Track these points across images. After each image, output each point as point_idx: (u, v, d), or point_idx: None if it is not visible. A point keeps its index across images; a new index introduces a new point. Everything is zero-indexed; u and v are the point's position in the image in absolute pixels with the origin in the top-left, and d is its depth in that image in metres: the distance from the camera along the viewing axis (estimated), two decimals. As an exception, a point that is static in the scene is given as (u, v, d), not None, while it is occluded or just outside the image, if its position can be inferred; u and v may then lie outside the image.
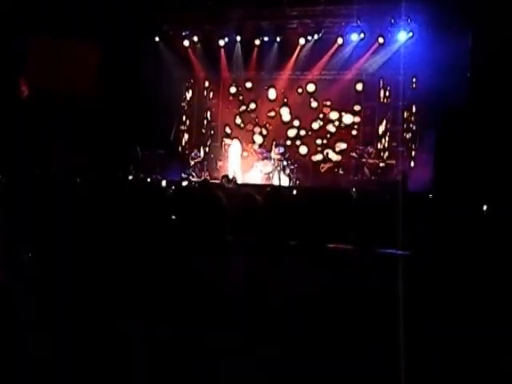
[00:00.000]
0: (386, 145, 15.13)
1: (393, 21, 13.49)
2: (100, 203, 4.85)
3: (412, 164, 14.12)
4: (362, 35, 13.89)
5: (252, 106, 16.37)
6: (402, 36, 13.56)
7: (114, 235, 3.86)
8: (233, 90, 16.48)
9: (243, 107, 16.46)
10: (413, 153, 14.35)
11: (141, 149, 13.99)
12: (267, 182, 14.02)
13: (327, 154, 15.50)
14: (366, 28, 13.80)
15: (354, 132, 15.58)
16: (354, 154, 14.76)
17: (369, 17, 13.57)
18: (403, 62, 13.59)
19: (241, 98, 16.50)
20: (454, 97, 12.02)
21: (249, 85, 16.28)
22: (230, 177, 12.62)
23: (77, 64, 12.42)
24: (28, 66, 11.97)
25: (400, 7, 12.79)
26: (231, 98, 16.56)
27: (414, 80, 14.17)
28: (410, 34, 13.41)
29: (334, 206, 4.58)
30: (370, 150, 14.63)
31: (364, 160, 14.40)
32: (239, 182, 12.90)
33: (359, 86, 15.34)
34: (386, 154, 15.03)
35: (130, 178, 12.62)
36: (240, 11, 13.91)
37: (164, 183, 11.44)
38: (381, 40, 13.84)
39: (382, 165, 14.53)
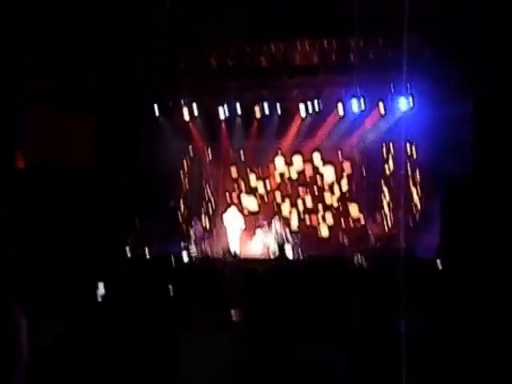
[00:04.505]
0: (391, 212, 14.89)
1: (393, 89, 13.56)
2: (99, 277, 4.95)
3: (417, 231, 13.83)
4: (362, 105, 13.90)
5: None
6: (403, 104, 13.56)
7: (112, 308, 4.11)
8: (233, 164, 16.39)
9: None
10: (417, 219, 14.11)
11: (139, 221, 13.78)
12: (267, 255, 13.65)
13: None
14: (365, 96, 13.82)
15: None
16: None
17: (368, 85, 13.64)
18: (404, 129, 13.56)
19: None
20: (457, 163, 11.96)
21: (250, 154, 16.20)
22: (232, 251, 12.37)
23: (73, 136, 12.35)
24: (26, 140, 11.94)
25: (400, 76, 12.84)
26: (232, 167, 16.46)
27: (415, 147, 14.10)
28: (411, 101, 13.41)
29: (339, 278, 4.44)
30: (378, 218, 14.39)
31: (369, 228, 14.15)
32: (239, 253, 12.65)
33: (360, 155, 15.29)
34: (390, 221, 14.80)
35: (128, 249, 12.37)
36: (239, 82, 14.02)
37: (163, 258, 11.15)
38: (381, 108, 13.88)
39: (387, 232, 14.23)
